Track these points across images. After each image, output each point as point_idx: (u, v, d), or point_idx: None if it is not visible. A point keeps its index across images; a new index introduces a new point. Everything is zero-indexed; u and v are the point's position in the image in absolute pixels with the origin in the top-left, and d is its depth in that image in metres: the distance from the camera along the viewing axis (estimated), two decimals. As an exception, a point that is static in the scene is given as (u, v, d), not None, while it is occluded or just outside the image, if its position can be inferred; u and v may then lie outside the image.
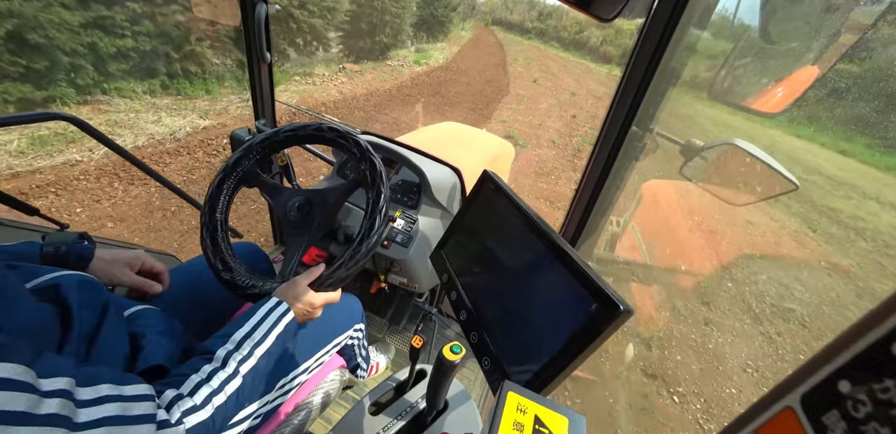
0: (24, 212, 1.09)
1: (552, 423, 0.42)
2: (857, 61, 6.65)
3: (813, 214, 5.03)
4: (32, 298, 0.49)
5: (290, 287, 0.73)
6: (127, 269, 0.76)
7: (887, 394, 0.16)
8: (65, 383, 0.38)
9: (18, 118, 0.99)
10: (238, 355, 0.59)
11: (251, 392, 0.60)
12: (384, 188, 0.79)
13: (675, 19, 0.70)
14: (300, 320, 0.72)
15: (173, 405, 0.49)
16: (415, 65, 10.93)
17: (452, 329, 1.65)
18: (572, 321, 0.54)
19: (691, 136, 1.01)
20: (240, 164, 0.90)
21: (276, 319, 0.66)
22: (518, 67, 13.98)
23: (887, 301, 0.17)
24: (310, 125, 0.88)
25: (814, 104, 7.78)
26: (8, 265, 0.56)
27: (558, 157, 6.41)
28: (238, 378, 0.57)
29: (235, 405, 0.56)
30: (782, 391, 0.21)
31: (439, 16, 14.35)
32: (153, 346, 0.60)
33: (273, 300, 0.69)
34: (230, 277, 0.80)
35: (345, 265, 0.76)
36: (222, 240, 0.85)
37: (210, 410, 0.51)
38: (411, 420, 0.78)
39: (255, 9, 1.17)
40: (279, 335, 0.65)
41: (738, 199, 1.04)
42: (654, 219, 4.21)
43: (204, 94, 5.69)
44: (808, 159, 7.16)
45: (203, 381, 0.53)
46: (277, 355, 0.65)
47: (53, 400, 0.36)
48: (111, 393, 0.42)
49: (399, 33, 11.24)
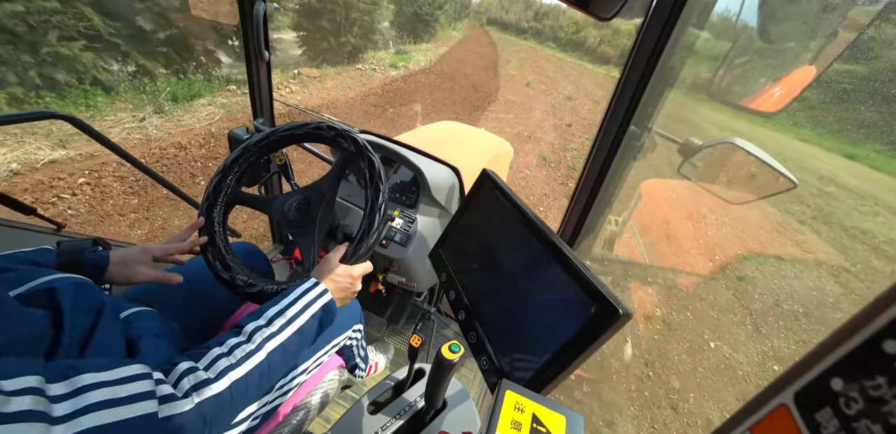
0: (20, 211, 1.09)
1: (550, 421, 0.42)
2: (864, 62, 6.52)
3: (845, 240, 4.47)
4: (18, 306, 0.48)
5: (324, 265, 0.73)
6: (142, 267, 0.75)
7: (878, 391, 0.16)
8: (32, 381, 0.36)
9: (14, 117, 0.99)
10: (266, 331, 0.57)
11: (273, 372, 0.58)
12: (383, 187, 0.79)
13: (674, 18, 0.70)
14: (341, 295, 0.72)
15: (183, 378, 0.47)
16: (391, 68, 9.68)
17: (451, 328, 1.65)
18: (571, 323, 0.54)
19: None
20: (237, 164, 0.90)
21: (312, 299, 0.65)
22: (511, 70, 12.92)
23: (878, 300, 0.18)
24: (307, 124, 0.88)
25: (818, 107, 7.57)
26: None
27: (549, 179, 5.35)
28: (261, 353, 0.55)
29: (258, 382, 0.54)
30: (776, 389, 0.21)
31: (423, 14, 13.30)
32: (149, 348, 0.60)
33: (310, 281, 0.68)
34: (230, 277, 0.80)
35: (366, 236, 0.77)
36: (221, 240, 0.85)
37: (226, 384, 0.49)
38: (410, 419, 0.78)
39: (254, 8, 1.17)
40: (313, 315, 0.64)
41: (737, 197, 1.04)
42: (653, 218, 4.20)
43: (84, 110, 4.60)
44: (819, 167, 6.78)
45: (223, 355, 0.52)
46: (309, 337, 0.64)
47: (23, 397, 0.34)
48: (92, 381, 0.40)
49: (370, 33, 9.87)
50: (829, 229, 4.70)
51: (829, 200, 5.45)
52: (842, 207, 5.30)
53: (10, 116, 0.98)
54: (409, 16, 13.16)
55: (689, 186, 4.77)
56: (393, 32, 12.88)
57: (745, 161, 0.94)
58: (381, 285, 1.33)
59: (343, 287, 0.72)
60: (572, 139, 7.13)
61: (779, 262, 3.99)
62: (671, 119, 6.26)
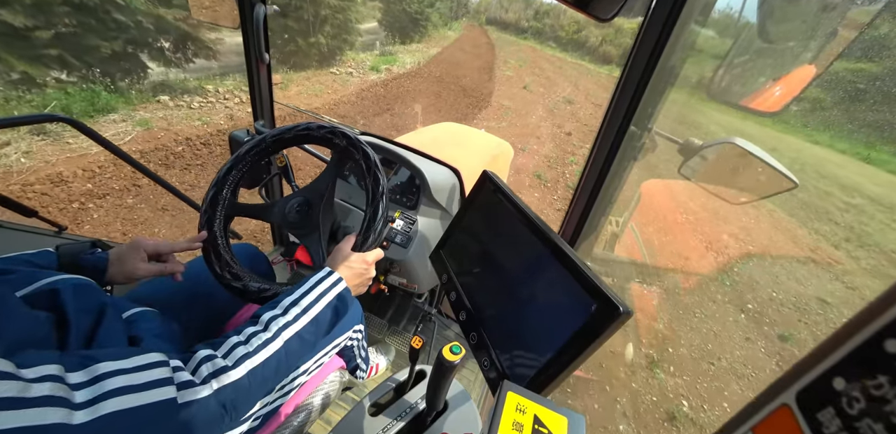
0: (22, 214, 1.09)
1: (552, 422, 0.42)
2: (878, 60, 6.33)
3: (889, 268, 3.85)
4: (25, 308, 0.49)
5: (337, 254, 0.74)
6: (138, 262, 0.75)
7: (881, 390, 0.16)
8: (52, 370, 0.37)
9: (16, 120, 1.00)
10: (282, 319, 0.58)
11: (290, 360, 0.58)
12: (381, 175, 0.79)
13: (674, 17, 0.70)
14: (356, 282, 0.72)
15: (202, 365, 0.48)
16: (371, 72, 8.67)
17: (452, 330, 1.65)
18: (572, 322, 0.54)
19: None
20: (231, 175, 0.90)
21: (327, 288, 0.66)
22: (508, 71, 11.95)
23: (880, 298, 0.18)
24: (296, 126, 0.88)
25: (832, 107, 7.24)
26: (1, 271, 0.56)
27: (543, 201, 4.52)
28: (278, 341, 0.56)
29: (275, 370, 0.55)
30: (778, 389, 0.21)
31: (413, 13, 12.27)
32: (151, 349, 0.60)
33: (324, 270, 0.69)
34: (242, 286, 0.80)
35: (373, 222, 0.77)
36: (224, 248, 0.85)
37: (243, 371, 0.50)
38: (411, 421, 0.78)
39: (254, 10, 1.18)
40: (328, 304, 0.65)
41: (737, 197, 1.04)
42: (654, 218, 4.10)
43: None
44: (838, 174, 6.32)
45: (240, 343, 0.53)
46: (324, 326, 0.64)
47: (43, 384, 0.35)
48: (110, 369, 0.41)
49: (346, 32, 8.59)
50: (868, 255, 4.06)
51: (858, 216, 5.00)
52: (873, 223, 4.82)
53: (11, 119, 0.99)
54: (398, 14, 12.23)
55: (702, 210, 4.49)
56: (382, 32, 12.01)
57: (745, 161, 0.94)
58: (382, 285, 1.33)
59: (358, 273, 0.73)
60: (572, 150, 6.22)
61: (824, 307, 3.21)
62: (676, 121, 5.97)
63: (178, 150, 3.98)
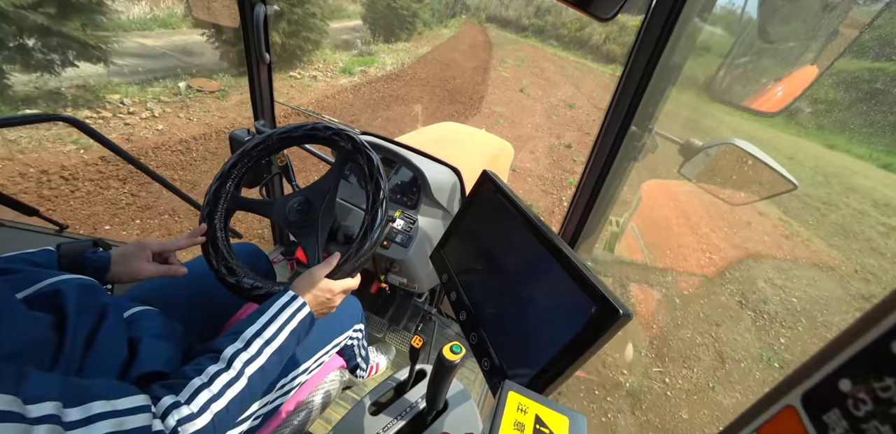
0: (23, 212, 1.09)
1: (553, 422, 0.42)
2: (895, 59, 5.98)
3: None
4: (25, 310, 0.49)
5: (306, 277, 0.71)
6: (143, 263, 0.74)
7: (888, 392, 0.16)
8: (52, 408, 0.38)
9: (19, 119, 1.00)
10: (245, 355, 0.57)
11: (254, 394, 0.58)
12: (383, 182, 0.79)
13: (675, 15, 0.70)
14: (318, 310, 0.70)
15: (168, 414, 0.48)
16: (342, 75, 7.49)
17: (452, 329, 1.65)
18: (572, 324, 0.54)
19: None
20: (235, 169, 0.90)
21: (289, 315, 0.64)
22: (504, 72, 10.97)
23: (886, 299, 0.17)
24: (303, 125, 0.88)
25: (847, 109, 6.75)
26: (1, 270, 0.56)
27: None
28: (242, 380, 0.56)
29: (239, 408, 0.55)
30: (783, 390, 0.21)
31: (398, 8, 11.01)
32: (149, 350, 0.60)
33: (287, 295, 0.67)
34: (235, 282, 0.80)
35: (361, 247, 0.75)
36: (222, 241, 0.85)
37: (208, 417, 0.50)
38: (411, 420, 0.78)
39: (254, 10, 1.17)
40: (292, 331, 0.63)
41: (737, 198, 1.04)
42: (654, 218, 4.04)
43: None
44: (865, 186, 5.55)
45: (203, 386, 0.52)
46: (288, 353, 0.64)
47: (42, 427, 0.36)
48: (103, 410, 0.42)
49: (307, 30, 7.09)
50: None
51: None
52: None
53: (13, 118, 0.99)
54: (382, 11, 10.87)
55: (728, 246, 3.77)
56: (366, 30, 10.91)
57: (745, 162, 0.94)
58: (383, 284, 1.33)
59: (321, 302, 0.70)
60: (572, 168, 5.06)
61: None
62: (682, 126, 5.65)
63: (14, 189, 2.68)
